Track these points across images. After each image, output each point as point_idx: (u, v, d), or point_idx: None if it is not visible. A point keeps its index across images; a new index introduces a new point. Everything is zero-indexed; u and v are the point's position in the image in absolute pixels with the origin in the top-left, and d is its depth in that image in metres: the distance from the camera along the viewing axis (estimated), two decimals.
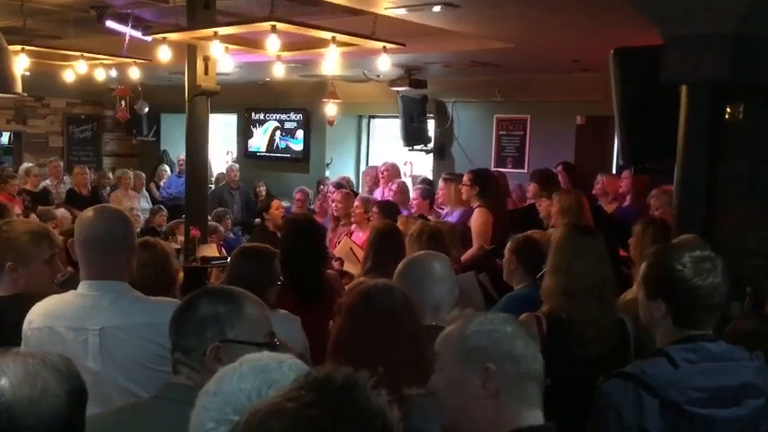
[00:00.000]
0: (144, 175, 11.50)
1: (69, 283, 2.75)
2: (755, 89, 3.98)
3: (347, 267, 5.38)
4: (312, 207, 8.95)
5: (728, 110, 4.06)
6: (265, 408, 1.01)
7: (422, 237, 4.08)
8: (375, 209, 6.21)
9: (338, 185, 8.50)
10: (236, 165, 11.43)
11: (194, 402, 1.39)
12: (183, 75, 6.62)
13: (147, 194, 11.22)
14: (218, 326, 1.86)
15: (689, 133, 3.95)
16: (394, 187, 7.83)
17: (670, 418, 2.11)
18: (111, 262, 2.46)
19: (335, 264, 5.33)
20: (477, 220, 5.99)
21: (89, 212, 2.57)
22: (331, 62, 5.89)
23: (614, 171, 8.36)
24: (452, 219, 6.38)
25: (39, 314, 2.48)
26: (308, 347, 3.13)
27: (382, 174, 8.76)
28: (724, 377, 2.15)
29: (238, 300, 1.92)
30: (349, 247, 5.81)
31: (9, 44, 4.45)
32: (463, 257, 5.50)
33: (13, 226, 2.84)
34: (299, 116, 12.23)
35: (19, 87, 4.28)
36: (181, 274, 5.68)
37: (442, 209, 6.99)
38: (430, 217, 6.21)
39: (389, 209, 6.11)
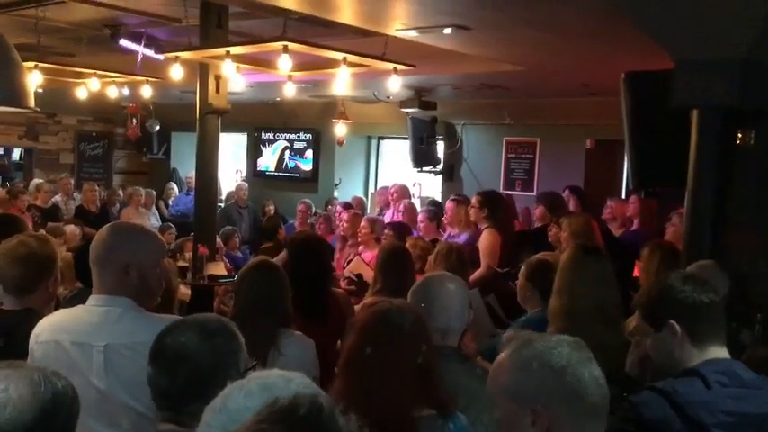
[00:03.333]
0: (154, 192, 11.55)
1: (77, 299, 2.75)
2: (766, 114, 3.97)
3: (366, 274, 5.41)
4: (311, 221, 8.95)
5: (739, 135, 4.05)
6: None
7: (451, 256, 4.09)
8: (388, 230, 6.24)
9: (346, 206, 8.52)
10: (245, 184, 11.46)
11: None
12: (195, 93, 6.67)
13: (156, 212, 11.26)
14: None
15: (699, 158, 3.94)
16: (401, 207, 7.84)
17: None
18: (121, 279, 2.42)
19: (343, 283, 5.33)
20: (485, 240, 5.98)
21: (103, 229, 2.55)
22: (342, 83, 5.93)
23: (623, 195, 8.35)
24: (460, 241, 6.37)
25: (46, 328, 2.47)
26: (318, 368, 3.12)
27: (392, 195, 8.77)
28: (752, 404, 2.13)
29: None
30: (360, 264, 5.84)
31: (23, 61, 4.50)
32: (471, 278, 5.48)
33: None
34: (309, 136, 12.28)
35: (32, 102, 4.32)
36: (186, 292, 5.73)
37: (446, 231, 6.98)
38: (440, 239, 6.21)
39: (402, 230, 6.13)
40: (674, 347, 2.24)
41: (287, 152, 12.59)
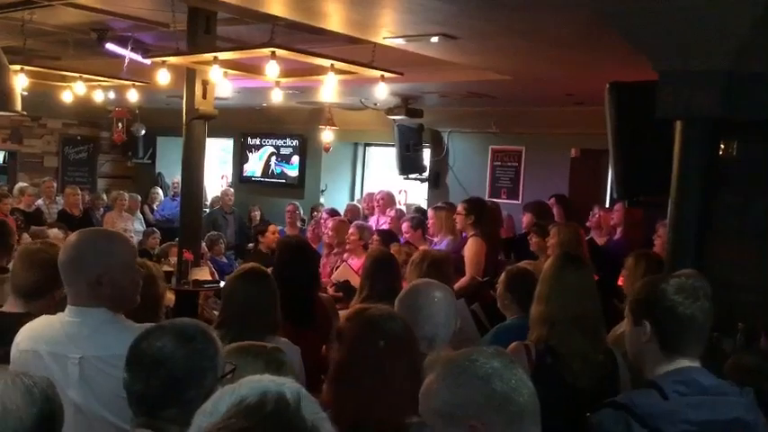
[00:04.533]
0: (139, 197, 11.49)
1: (63, 305, 2.73)
2: (749, 126, 4.02)
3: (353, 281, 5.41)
4: (303, 228, 8.99)
5: (723, 146, 4.10)
6: None
7: (423, 264, 4.09)
8: (375, 237, 6.24)
9: (332, 212, 8.53)
10: (231, 189, 11.44)
11: None
12: (181, 98, 6.66)
13: (141, 217, 11.21)
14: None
15: (683, 168, 3.98)
16: (392, 214, 7.85)
17: None
18: (93, 288, 2.34)
19: (331, 290, 5.33)
20: (470, 249, 6.00)
21: (72, 236, 2.49)
22: (329, 89, 5.94)
23: (608, 204, 8.40)
24: (441, 248, 6.39)
25: (26, 336, 2.42)
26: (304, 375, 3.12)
27: (377, 202, 8.79)
28: (715, 411, 2.14)
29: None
30: (348, 271, 5.85)
31: (9, 64, 4.48)
32: (456, 286, 5.49)
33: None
34: (295, 142, 12.28)
35: (18, 105, 4.30)
36: (170, 297, 5.71)
37: (432, 239, 7.00)
38: (422, 246, 6.22)
39: (389, 237, 6.14)
40: (641, 347, 2.28)
41: (273, 158, 12.58)
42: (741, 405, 2.18)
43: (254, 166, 12.81)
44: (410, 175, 10.55)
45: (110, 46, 7.15)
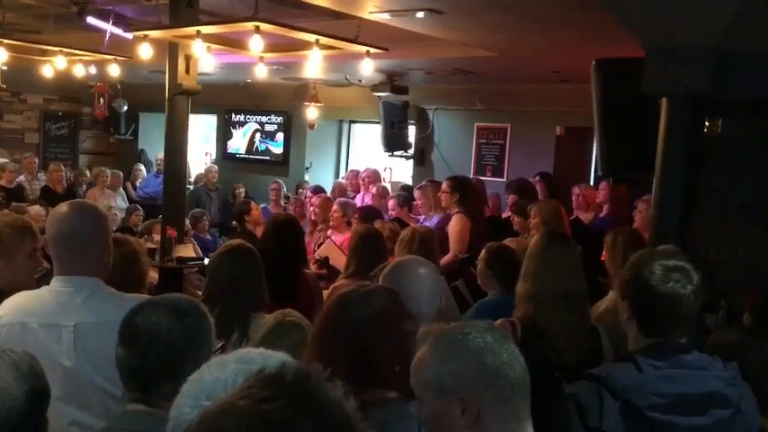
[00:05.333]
0: (121, 173, 11.40)
1: (45, 279, 2.70)
2: (735, 104, 4.03)
3: (335, 262, 5.39)
4: (284, 205, 8.98)
5: (707, 124, 4.10)
6: (217, 407, 0.97)
7: (413, 242, 4.08)
8: (356, 215, 6.22)
9: (316, 190, 8.50)
10: (215, 166, 11.37)
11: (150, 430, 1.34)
12: (163, 73, 6.58)
13: (123, 193, 11.12)
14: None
15: (668, 145, 3.98)
16: (374, 191, 7.83)
17: (631, 422, 2.13)
18: (85, 258, 2.43)
19: (313, 267, 5.32)
20: (455, 226, 6.00)
21: (62, 208, 2.53)
22: (314, 65, 5.89)
23: (592, 182, 8.42)
24: (432, 224, 6.39)
25: (10, 309, 2.44)
26: None
27: (363, 180, 8.76)
28: (688, 385, 2.16)
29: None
30: (332, 247, 5.84)
31: None
32: (440, 263, 5.50)
33: None
34: (280, 119, 12.19)
35: None
36: (153, 275, 5.68)
37: (419, 216, 7.00)
38: (411, 223, 6.21)
39: (369, 215, 6.11)
40: (625, 323, 2.33)
41: (257, 135, 12.49)
42: (720, 379, 2.20)
43: (238, 143, 12.72)
44: (395, 153, 10.53)
45: (91, 19, 7.02)
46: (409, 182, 10.31)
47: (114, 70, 7.86)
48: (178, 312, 1.89)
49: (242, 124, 12.68)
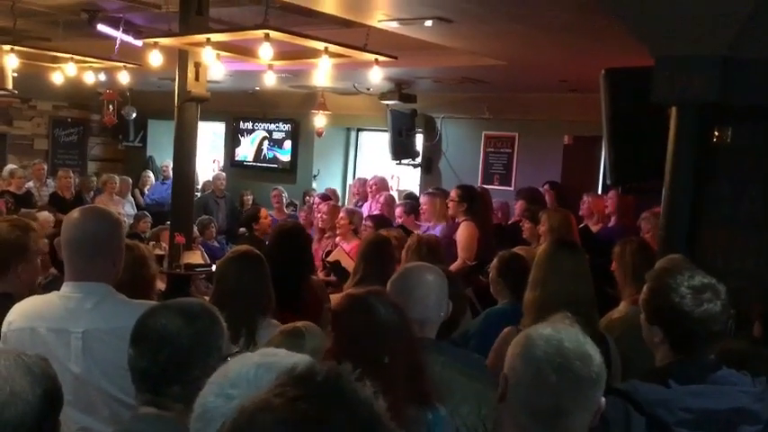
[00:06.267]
0: (130, 180, 11.44)
1: (53, 286, 2.73)
2: (744, 112, 4.01)
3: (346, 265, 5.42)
4: (294, 213, 9.00)
5: (716, 132, 4.09)
6: (253, 405, 1.00)
7: (421, 249, 4.10)
8: (368, 222, 6.24)
9: (324, 197, 8.52)
10: (223, 173, 11.39)
11: None
12: (172, 81, 6.60)
13: (131, 200, 11.16)
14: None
15: (677, 154, 3.97)
16: (381, 199, 7.84)
17: None
18: (96, 264, 2.43)
19: (321, 274, 5.32)
20: (463, 233, 6.00)
21: (75, 213, 2.53)
22: (322, 73, 5.90)
23: (600, 191, 8.40)
24: (435, 233, 6.39)
25: (20, 314, 2.44)
26: None
27: (371, 188, 8.78)
28: (716, 400, 2.14)
29: None
30: (341, 255, 5.85)
31: None
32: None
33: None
34: (288, 126, 12.22)
35: (9, 84, 4.26)
36: (160, 284, 5.69)
37: (422, 223, 7.00)
38: (416, 231, 6.21)
39: (382, 223, 6.13)
40: (655, 345, 2.30)
41: (265, 142, 12.51)
42: (748, 395, 2.17)
43: (246, 151, 12.74)
44: (402, 161, 10.54)
45: (101, 27, 7.07)
46: (416, 190, 10.31)
47: (124, 77, 7.89)
48: (190, 316, 1.91)
49: (250, 132, 12.71)
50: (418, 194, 9.38)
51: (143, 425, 1.81)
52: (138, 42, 6.65)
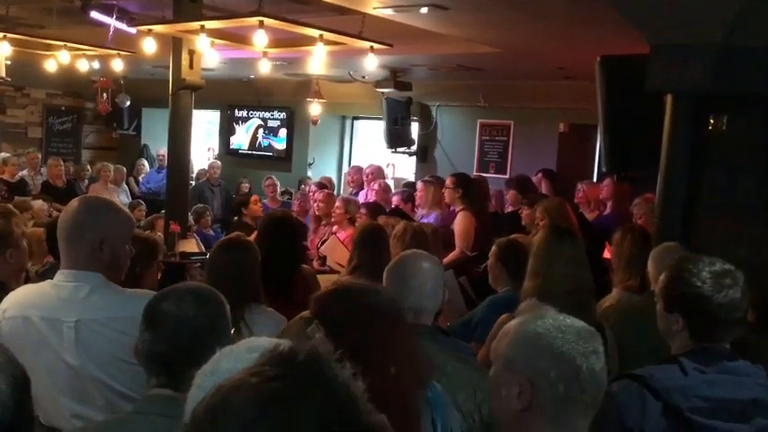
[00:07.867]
0: (124, 168, 11.41)
1: (49, 274, 2.71)
2: (739, 100, 4.02)
3: (338, 260, 5.39)
4: (289, 201, 9.01)
5: (712, 121, 4.09)
6: (229, 384, 1.00)
7: (405, 236, 4.08)
8: (363, 210, 6.23)
9: (320, 186, 8.50)
10: (218, 162, 11.37)
11: (177, 415, 1.37)
12: (166, 69, 6.57)
13: (126, 188, 11.13)
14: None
15: (672, 142, 3.98)
16: (376, 186, 7.83)
17: (672, 423, 2.11)
18: (81, 250, 2.38)
19: (316, 263, 5.32)
20: (460, 223, 6.00)
21: (72, 202, 2.51)
22: (317, 61, 5.88)
23: (595, 179, 8.41)
24: (429, 221, 6.39)
25: (13, 303, 2.43)
26: None
27: (367, 176, 8.77)
28: (733, 390, 2.14)
29: None
30: (336, 243, 5.84)
31: None
32: (444, 260, 5.50)
33: None
34: (283, 115, 12.18)
35: (2, 71, 4.23)
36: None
37: (418, 211, 7.01)
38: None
39: (376, 211, 6.12)
40: (673, 333, 2.28)
41: (260, 130, 12.48)
42: (764, 387, 2.18)
43: (241, 139, 12.72)
44: (398, 149, 10.52)
45: (94, 14, 7.02)
46: (412, 178, 10.30)
47: (117, 65, 7.85)
48: (202, 299, 1.94)
49: (245, 120, 12.68)
50: (414, 182, 9.40)
51: (159, 406, 1.81)
52: (132, 30, 6.62)
